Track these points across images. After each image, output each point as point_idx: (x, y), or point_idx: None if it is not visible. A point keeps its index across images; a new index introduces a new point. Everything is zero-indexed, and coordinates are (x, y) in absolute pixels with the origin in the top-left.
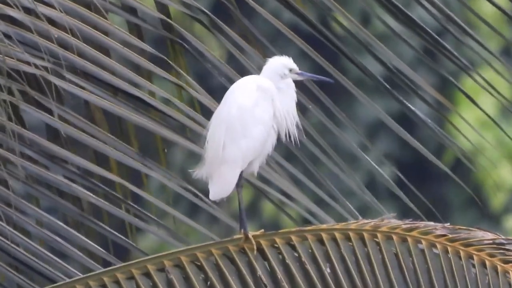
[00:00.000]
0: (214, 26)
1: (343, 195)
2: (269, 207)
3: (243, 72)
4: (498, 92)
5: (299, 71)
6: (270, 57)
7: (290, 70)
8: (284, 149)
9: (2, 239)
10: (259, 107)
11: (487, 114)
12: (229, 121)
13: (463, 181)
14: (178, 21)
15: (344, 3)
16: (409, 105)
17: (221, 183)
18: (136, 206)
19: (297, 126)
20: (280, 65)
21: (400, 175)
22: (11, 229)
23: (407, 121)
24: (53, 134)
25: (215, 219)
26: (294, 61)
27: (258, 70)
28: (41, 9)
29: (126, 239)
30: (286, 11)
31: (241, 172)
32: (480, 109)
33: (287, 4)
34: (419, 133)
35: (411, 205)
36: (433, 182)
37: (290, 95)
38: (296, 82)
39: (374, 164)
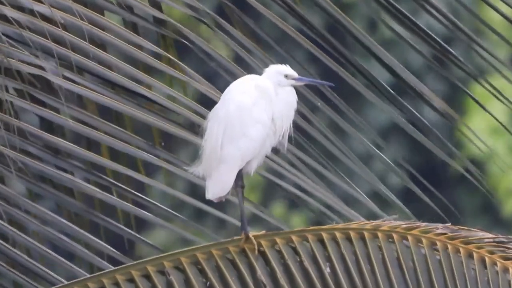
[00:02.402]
0: (219, 28)
1: (352, 201)
2: (278, 210)
3: (249, 72)
4: (507, 99)
5: (297, 77)
6: (276, 59)
7: (286, 76)
8: (297, 146)
9: (3, 242)
10: (257, 106)
11: (496, 119)
12: (227, 120)
13: (475, 187)
14: (184, 21)
15: (352, 8)
16: (416, 113)
17: (218, 183)
18: (146, 197)
19: (290, 134)
20: (274, 72)
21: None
22: (14, 229)
23: (417, 126)
24: (58, 130)
25: (223, 220)
26: (302, 64)
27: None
28: (38, 8)
29: (136, 234)
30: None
31: (240, 172)
32: (490, 114)
33: (292, 10)
34: (429, 138)
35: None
36: (444, 188)
37: (285, 101)
38: (300, 88)
39: (389, 160)
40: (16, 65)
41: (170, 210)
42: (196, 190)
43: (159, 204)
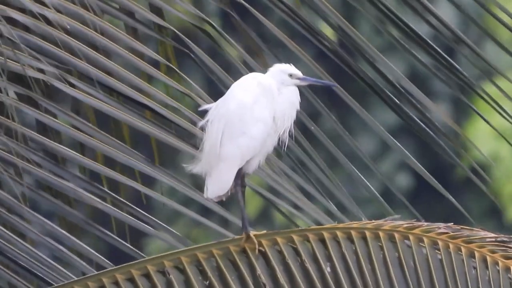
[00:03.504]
0: (222, 35)
1: (357, 203)
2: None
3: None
4: (505, 111)
5: (302, 76)
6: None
7: (291, 76)
8: (295, 157)
9: (4, 243)
10: (259, 104)
11: (496, 129)
12: (227, 118)
13: (479, 191)
14: (186, 27)
15: (357, 11)
16: (416, 119)
17: (218, 181)
18: (145, 212)
19: (290, 134)
20: (279, 71)
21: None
22: (16, 237)
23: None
24: (58, 138)
25: (226, 222)
26: (307, 66)
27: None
28: (46, 13)
29: (131, 247)
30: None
31: (240, 171)
32: (490, 125)
33: (296, 17)
34: (435, 142)
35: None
36: (451, 191)
37: (288, 101)
38: (310, 88)
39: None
40: (15, 67)
41: (166, 226)
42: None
43: (157, 220)
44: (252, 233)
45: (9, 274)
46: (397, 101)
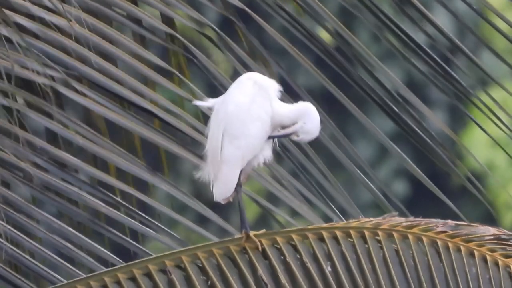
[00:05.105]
0: (222, 41)
1: (354, 209)
2: (280, 218)
3: None
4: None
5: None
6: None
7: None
8: (296, 161)
9: (6, 243)
10: (255, 103)
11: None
12: (226, 120)
13: (475, 199)
14: (187, 33)
15: (358, 16)
16: (414, 126)
17: (223, 183)
18: (144, 215)
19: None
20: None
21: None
22: (20, 234)
23: (420, 136)
24: (61, 143)
25: (223, 231)
26: (308, 72)
27: None
28: (51, 18)
29: (136, 244)
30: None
31: (241, 171)
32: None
33: (297, 24)
34: (432, 149)
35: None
36: (447, 197)
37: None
38: (309, 93)
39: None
40: (24, 73)
41: (166, 228)
42: (201, 193)
43: (158, 223)
44: (251, 232)
45: (11, 273)
46: (395, 108)
